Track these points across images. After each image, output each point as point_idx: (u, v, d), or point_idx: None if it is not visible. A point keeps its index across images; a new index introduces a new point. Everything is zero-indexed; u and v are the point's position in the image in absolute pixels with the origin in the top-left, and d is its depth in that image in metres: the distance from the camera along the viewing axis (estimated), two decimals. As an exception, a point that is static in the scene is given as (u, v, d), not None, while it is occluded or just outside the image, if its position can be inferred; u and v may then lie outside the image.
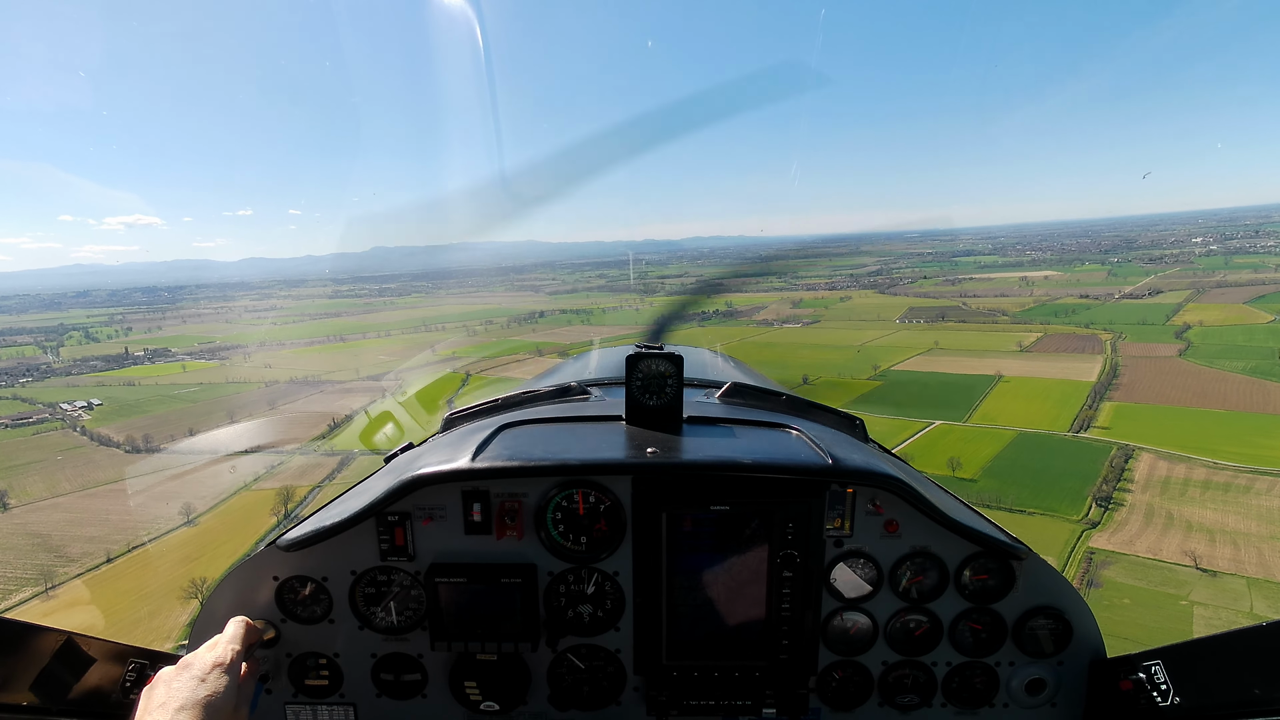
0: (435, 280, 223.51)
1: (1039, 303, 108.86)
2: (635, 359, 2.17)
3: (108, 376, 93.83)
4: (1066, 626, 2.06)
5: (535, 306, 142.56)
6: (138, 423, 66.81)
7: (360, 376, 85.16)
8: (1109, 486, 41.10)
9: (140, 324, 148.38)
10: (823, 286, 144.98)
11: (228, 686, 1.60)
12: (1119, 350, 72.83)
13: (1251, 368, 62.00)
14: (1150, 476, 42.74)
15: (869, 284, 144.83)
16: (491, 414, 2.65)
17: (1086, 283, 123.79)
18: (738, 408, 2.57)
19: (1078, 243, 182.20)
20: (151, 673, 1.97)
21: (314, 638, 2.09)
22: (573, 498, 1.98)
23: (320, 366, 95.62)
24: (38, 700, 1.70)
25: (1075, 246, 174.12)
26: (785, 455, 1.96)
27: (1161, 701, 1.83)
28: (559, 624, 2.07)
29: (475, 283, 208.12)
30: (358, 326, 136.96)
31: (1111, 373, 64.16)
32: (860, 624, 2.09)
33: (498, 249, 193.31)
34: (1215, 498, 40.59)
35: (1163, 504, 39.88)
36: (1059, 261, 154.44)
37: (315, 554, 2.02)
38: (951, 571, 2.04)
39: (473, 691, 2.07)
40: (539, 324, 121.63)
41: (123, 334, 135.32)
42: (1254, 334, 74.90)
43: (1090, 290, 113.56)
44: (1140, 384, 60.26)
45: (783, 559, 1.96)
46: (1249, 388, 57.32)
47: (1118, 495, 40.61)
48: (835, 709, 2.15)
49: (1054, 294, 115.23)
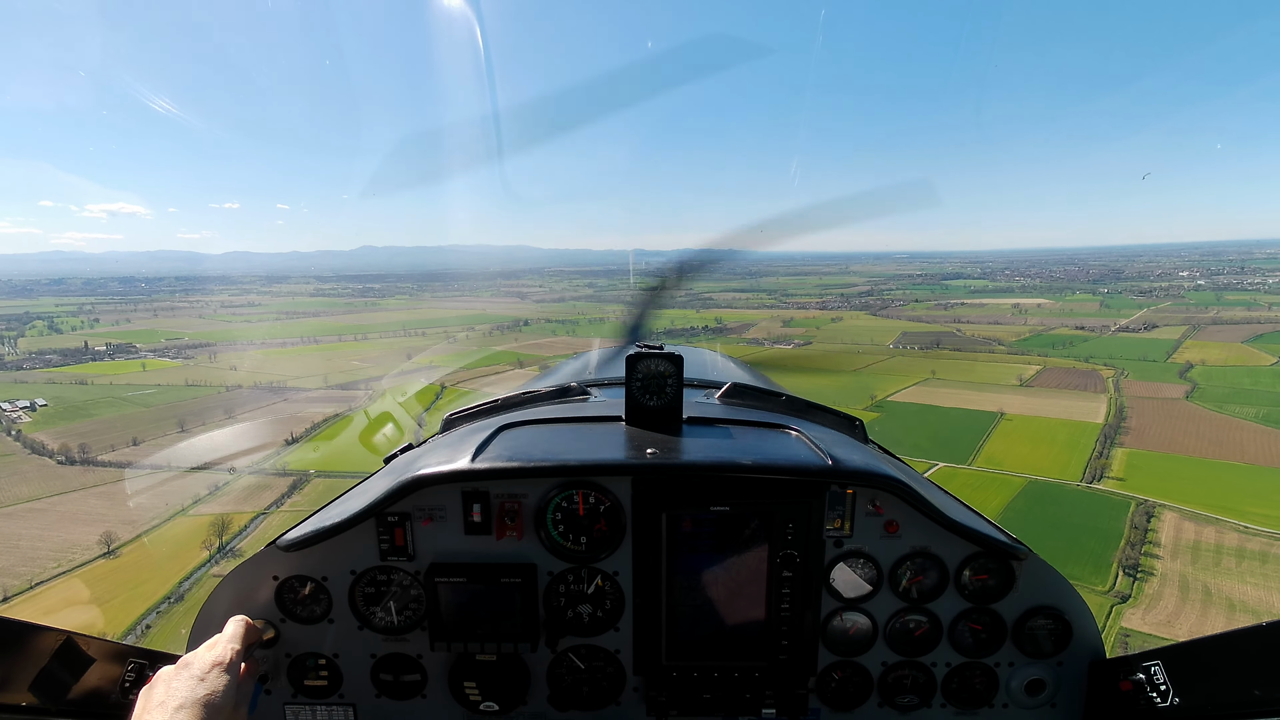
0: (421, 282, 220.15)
1: (1034, 332, 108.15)
2: (635, 359, 2.16)
3: (61, 373, 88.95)
4: (1066, 627, 2.06)
5: (520, 314, 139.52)
6: (80, 428, 61.94)
7: (328, 384, 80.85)
8: (1135, 552, 38.20)
9: (110, 316, 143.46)
10: (814, 305, 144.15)
11: (226, 686, 1.60)
12: (1123, 389, 71.06)
13: (1263, 415, 60.20)
14: (1178, 540, 39.93)
15: (860, 305, 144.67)
16: (491, 414, 2.61)
17: (1080, 313, 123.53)
18: (737, 408, 2.54)
19: (1065, 270, 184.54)
20: (151, 672, 1.94)
21: (314, 638, 2.08)
22: (573, 498, 1.98)
23: (288, 370, 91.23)
24: (37, 700, 1.70)
25: (1064, 274, 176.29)
26: (785, 456, 1.96)
27: (1161, 702, 1.84)
28: (559, 624, 2.06)
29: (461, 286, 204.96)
30: (334, 328, 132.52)
31: (1119, 414, 62.10)
32: (860, 624, 2.09)
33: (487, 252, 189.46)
34: (1253, 569, 37.81)
35: (1197, 575, 37.07)
36: (1049, 289, 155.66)
37: (315, 554, 2.01)
38: (951, 572, 2.04)
39: (472, 692, 2.07)
40: (523, 332, 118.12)
41: (89, 326, 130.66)
42: (1259, 377, 73.62)
43: (1085, 321, 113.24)
44: (1150, 429, 57.97)
45: (782, 559, 1.97)
46: (1265, 438, 55.18)
47: (1145, 562, 37.76)
48: (835, 709, 2.15)
49: (1048, 324, 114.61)
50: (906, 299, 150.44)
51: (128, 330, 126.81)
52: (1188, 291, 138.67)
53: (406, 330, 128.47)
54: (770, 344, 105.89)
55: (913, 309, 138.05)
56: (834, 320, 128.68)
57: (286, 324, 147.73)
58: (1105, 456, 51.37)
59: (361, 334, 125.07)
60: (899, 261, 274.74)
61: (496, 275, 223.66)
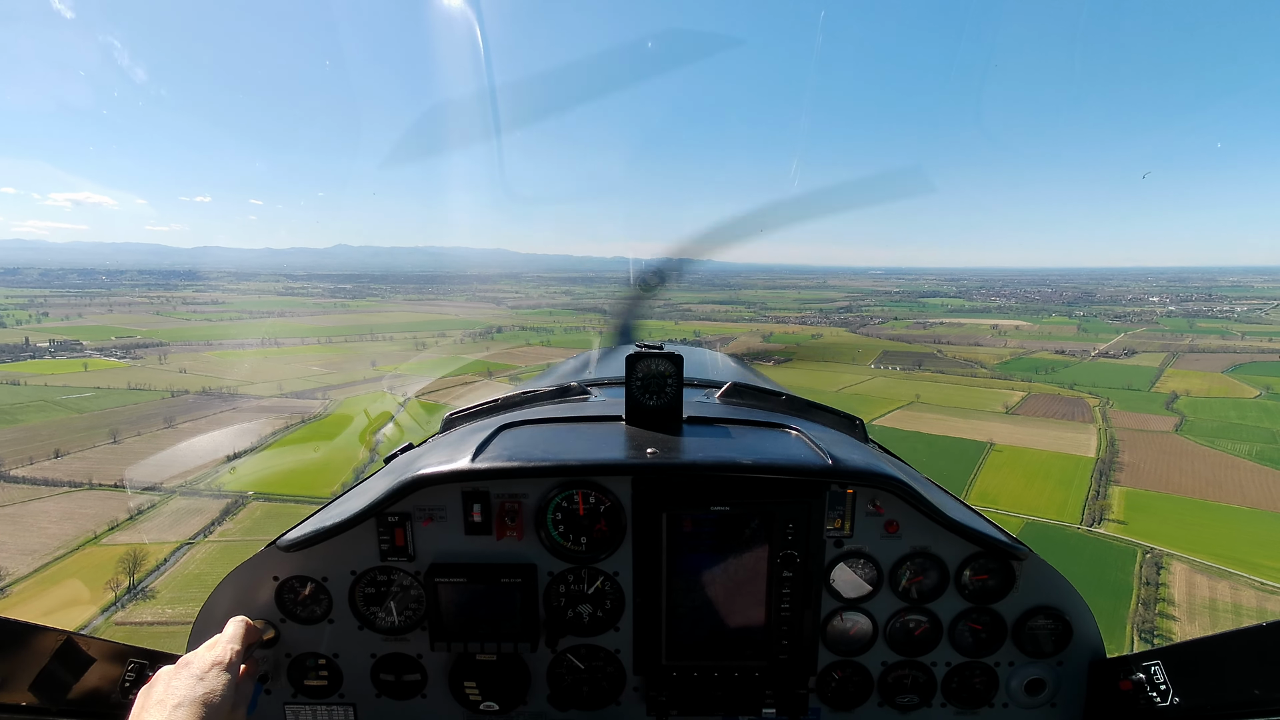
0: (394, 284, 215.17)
1: (1015, 355, 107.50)
2: (635, 359, 2.17)
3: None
4: (1066, 627, 2.07)
5: (494, 321, 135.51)
6: (1, 435, 56.55)
7: (283, 391, 75.90)
8: (1149, 612, 35.78)
9: (62, 310, 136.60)
10: (793, 320, 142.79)
11: (226, 685, 1.61)
12: (1111, 420, 69.77)
13: (1257, 452, 58.92)
14: (1192, 597, 37.59)
15: (839, 321, 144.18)
16: (491, 414, 2.61)
17: (1058, 336, 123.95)
18: (738, 408, 2.54)
19: (1039, 292, 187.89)
20: (151, 672, 1.97)
21: (314, 638, 2.09)
22: (573, 498, 1.99)
23: (242, 374, 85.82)
24: (37, 700, 1.72)
25: (1038, 296, 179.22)
26: (785, 456, 1.97)
27: (1161, 702, 1.85)
28: (559, 624, 2.08)
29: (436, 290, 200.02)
30: (299, 330, 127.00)
31: (1110, 447, 60.53)
32: (860, 624, 2.10)
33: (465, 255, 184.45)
34: (1277, 634, 34.96)
35: (1219, 643, 33.96)
36: (1025, 310, 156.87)
37: (315, 554, 2.02)
38: (951, 572, 2.05)
39: (472, 692, 2.08)
40: (495, 340, 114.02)
41: (36, 320, 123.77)
42: (1245, 410, 72.85)
43: (1064, 345, 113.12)
44: (1145, 466, 56.19)
45: (783, 559, 1.98)
46: (1263, 478, 53.61)
47: (1162, 623, 35.26)
48: (835, 709, 2.16)
49: (1028, 346, 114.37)
50: (885, 316, 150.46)
51: (77, 326, 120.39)
52: (1160, 318, 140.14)
53: (375, 335, 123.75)
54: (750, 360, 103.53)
55: (892, 327, 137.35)
56: (814, 337, 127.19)
57: (248, 324, 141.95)
58: (1103, 497, 49.52)
59: (326, 337, 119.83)
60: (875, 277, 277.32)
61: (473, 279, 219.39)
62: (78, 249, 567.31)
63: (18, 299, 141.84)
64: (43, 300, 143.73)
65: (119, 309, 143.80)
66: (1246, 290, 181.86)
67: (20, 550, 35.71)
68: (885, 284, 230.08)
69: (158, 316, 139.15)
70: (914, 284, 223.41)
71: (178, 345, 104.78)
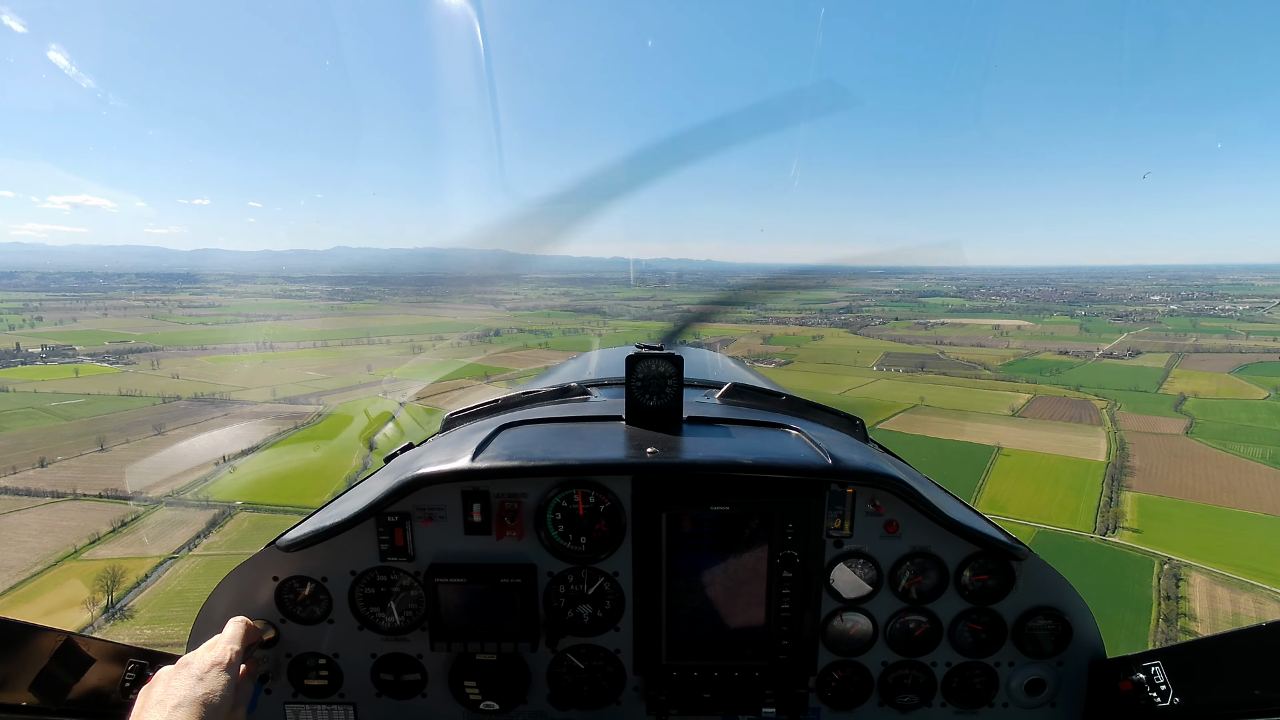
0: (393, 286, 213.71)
1: (1019, 356, 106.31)
2: (635, 359, 2.18)
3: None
4: (1066, 627, 2.07)
5: (492, 323, 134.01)
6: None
7: (276, 397, 74.64)
8: (1171, 628, 34.52)
9: (56, 314, 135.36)
10: (793, 321, 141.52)
11: (226, 685, 1.61)
12: (1119, 422, 68.55)
13: (1270, 455, 57.69)
14: (1214, 611, 36.34)
15: (840, 322, 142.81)
16: (491, 414, 2.62)
17: (1060, 336, 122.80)
18: (738, 408, 2.55)
19: (1040, 291, 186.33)
20: (151, 672, 1.97)
21: (313, 638, 2.09)
22: (573, 498, 1.99)
23: (236, 379, 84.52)
24: (37, 700, 1.72)
25: (1039, 295, 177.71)
26: (785, 455, 1.98)
27: (1161, 702, 1.85)
28: (559, 624, 2.08)
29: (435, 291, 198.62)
30: (295, 333, 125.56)
31: (1120, 451, 59.30)
32: (860, 624, 2.10)
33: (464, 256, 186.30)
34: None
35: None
36: (1026, 310, 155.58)
37: (315, 554, 2.02)
38: (951, 572, 2.05)
39: (472, 691, 2.08)
40: (492, 343, 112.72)
41: (30, 324, 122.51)
42: (1256, 412, 71.69)
43: (1068, 346, 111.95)
44: (1156, 470, 55.03)
45: (782, 559, 1.98)
46: (1278, 483, 52.31)
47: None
48: (835, 709, 2.17)
49: (1031, 347, 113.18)
50: (886, 316, 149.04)
51: (71, 330, 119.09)
52: (1163, 317, 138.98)
53: (372, 338, 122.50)
54: (751, 362, 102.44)
55: (893, 328, 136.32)
56: (815, 339, 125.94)
57: (244, 328, 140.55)
58: (1116, 504, 48.26)
59: (323, 341, 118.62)
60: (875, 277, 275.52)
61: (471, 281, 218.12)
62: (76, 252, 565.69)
63: (12, 303, 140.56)
64: (38, 304, 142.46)
65: (114, 313, 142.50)
66: (1247, 288, 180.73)
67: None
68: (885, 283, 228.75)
69: (153, 320, 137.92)
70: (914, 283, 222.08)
71: (172, 350, 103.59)
